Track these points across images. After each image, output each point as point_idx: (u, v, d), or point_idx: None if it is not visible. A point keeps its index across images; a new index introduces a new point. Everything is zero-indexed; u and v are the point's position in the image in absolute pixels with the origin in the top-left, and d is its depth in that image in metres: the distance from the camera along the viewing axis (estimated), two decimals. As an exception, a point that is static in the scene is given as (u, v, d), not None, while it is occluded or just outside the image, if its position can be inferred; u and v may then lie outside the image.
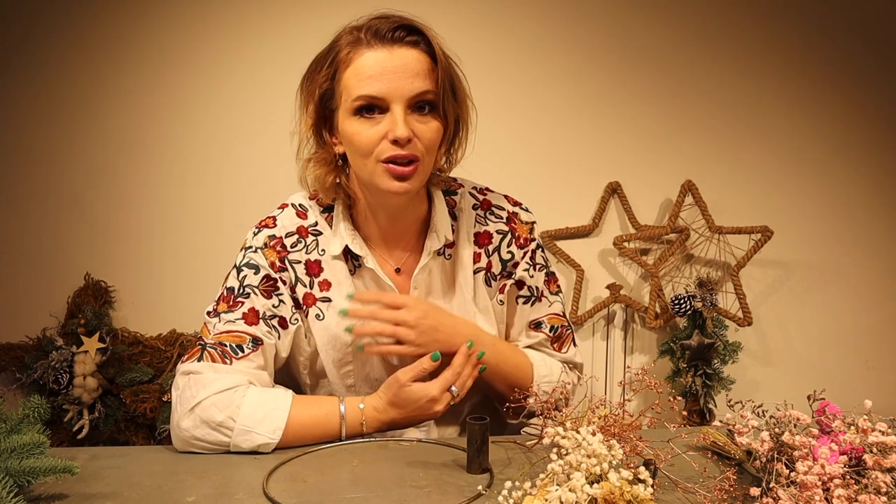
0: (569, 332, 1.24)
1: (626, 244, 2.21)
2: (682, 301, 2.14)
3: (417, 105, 1.03)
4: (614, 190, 2.22)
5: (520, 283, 1.19)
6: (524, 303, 1.21)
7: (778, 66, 2.27)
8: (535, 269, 1.20)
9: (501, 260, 1.18)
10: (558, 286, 1.24)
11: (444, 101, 1.03)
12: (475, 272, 1.17)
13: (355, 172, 1.09)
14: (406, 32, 1.02)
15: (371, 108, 1.02)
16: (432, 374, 1.08)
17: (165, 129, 2.09)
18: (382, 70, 1.00)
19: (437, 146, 1.06)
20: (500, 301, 1.19)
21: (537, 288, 1.20)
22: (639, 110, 2.23)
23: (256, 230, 1.13)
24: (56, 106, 2.06)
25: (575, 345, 1.25)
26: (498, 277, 1.18)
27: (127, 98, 2.07)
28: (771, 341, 2.36)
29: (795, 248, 2.32)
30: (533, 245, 1.19)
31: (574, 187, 2.23)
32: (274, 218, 1.14)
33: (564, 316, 1.24)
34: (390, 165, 1.02)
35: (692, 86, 2.24)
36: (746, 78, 2.25)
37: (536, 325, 1.22)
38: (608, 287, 2.23)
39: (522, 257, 1.18)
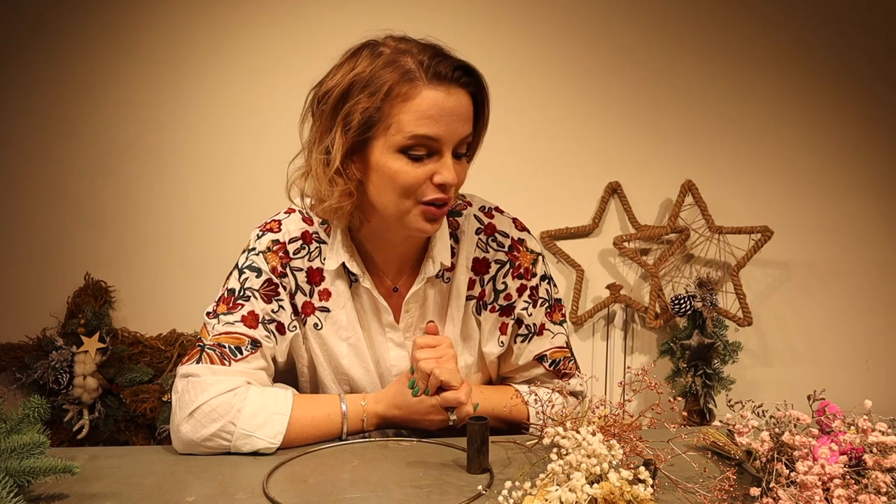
0: (571, 362, 1.20)
1: (626, 244, 2.21)
2: (682, 301, 2.14)
3: (458, 149, 1.02)
4: (614, 190, 2.22)
5: (518, 322, 1.16)
6: (522, 341, 1.17)
7: (778, 67, 2.27)
8: (534, 306, 1.15)
9: (495, 290, 1.15)
10: (563, 315, 1.20)
11: (476, 143, 1.05)
12: (468, 299, 1.15)
13: (380, 206, 1.03)
14: (462, 73, 1.00)
15: (420, 147, 0.99)
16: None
17: (166, 129, 2.09)
18: (441, 111, 0.98)
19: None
20: (502, 343, 1.16)
21: (535, 325, 1.17)
22: (639, 110, 2.23)
23: (260, 233, 1.12)
24: (56, 106, 2.06)
25: (579, 374, 1.21)
26: (489, 308, 1.15)
27: (127, 98, 2.07)
28: (771, 341, 2.36)
29: (795, 248, 2.32)
30: (535, 280, 1.15)
31: (574, 187, 2.23)
32: (279, 222, 1.13)
33: (568, 346, 1.20)
34: (429, 208, 1.01)
35: (692, 86, 2.24)
36: (746, 78, 2.25)
37: (539, 359, 1.18)
38: (608, 287, 2.23)
39: (520, 292, 1.15)
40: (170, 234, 2.11)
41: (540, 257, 1.16)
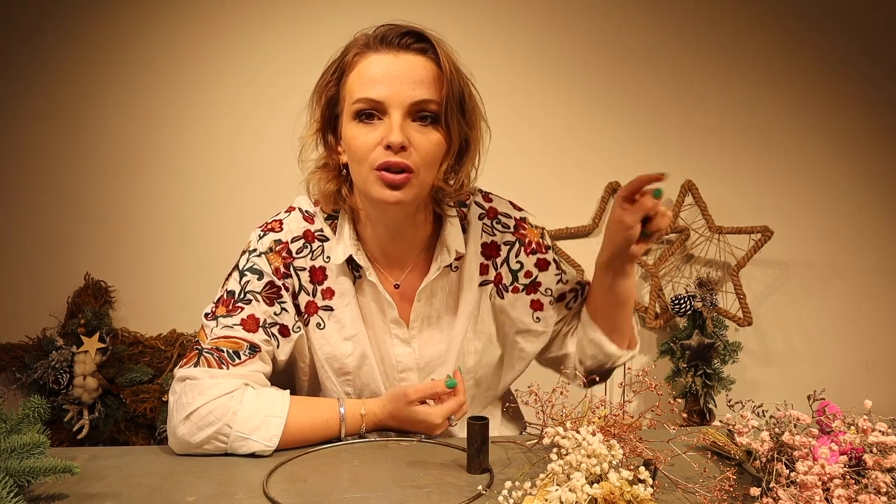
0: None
1: (626, 244, 2.21)
2: (682, 301, 2.14)
3: (419, 114, 0.99)
4: (614, 190, 2.22)
5: (560, 297, 1.19)
6: (574, 300, 1.21)
7: (778, 67, 2.27)
8: (565, 275, 1.19)
9: (511, 271, 1.16)
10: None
11: (447, 113, 1.00)
12: (481, 284, 1.15)
13: (354, 181, 1.06)
14: (414, 39, 1.00)
15: (371, 112, 0.99)
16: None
17: (166, 130, 2.09)
18: (385, 74, 0.98)
19: (436, 161, 1.02)
20: (538, 318, 1.18)
21: (570, 290, 1.21)
22: (638, 110, 2.23)
23: (262, 233, 1.10)
24: (56, 106, 2.06)
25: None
26: (511, 289, 1.16)
27: (127, 98, 2.07)
28: (771, 341, 2.35)
29: (795, 248, 2.32)
30: (550, 253, 1.18)
31: (574, 187, 2.23)
32: (280, 221, 1.12)
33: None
34: (382, 173, 0.98)
35: (692, 86, 2.24)
36: (746, 78, 2.26)
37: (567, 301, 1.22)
38: (608, 287, 2.23)
39: (541, 267, 1.17)
40: (170, 233, 2.11)
41: (544, 230, 1.19)
